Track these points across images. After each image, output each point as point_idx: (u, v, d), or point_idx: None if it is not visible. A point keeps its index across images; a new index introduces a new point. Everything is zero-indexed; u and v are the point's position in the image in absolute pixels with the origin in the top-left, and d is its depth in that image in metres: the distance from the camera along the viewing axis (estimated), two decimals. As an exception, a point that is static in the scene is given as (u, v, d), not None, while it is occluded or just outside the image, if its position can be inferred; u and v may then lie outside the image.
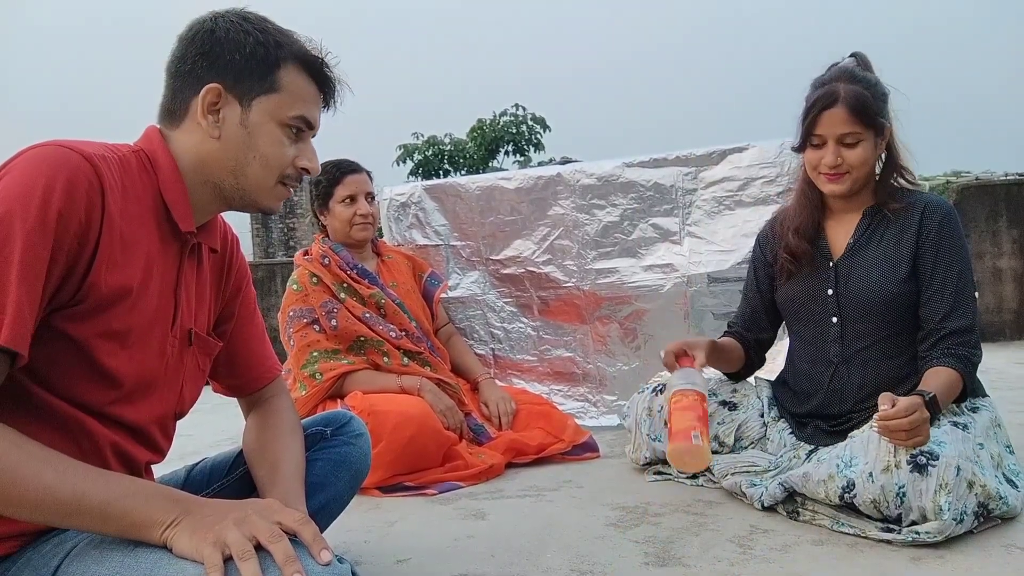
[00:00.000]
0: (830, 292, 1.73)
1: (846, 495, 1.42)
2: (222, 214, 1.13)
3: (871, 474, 1.39)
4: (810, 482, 1.49)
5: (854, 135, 1.63)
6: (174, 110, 1.02)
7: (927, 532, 1.34)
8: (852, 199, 1.74)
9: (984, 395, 1.67)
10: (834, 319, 1.73)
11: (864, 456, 1.42)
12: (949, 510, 1.33)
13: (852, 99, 1.62)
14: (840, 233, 1.77)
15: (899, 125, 1.70)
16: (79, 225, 0.85)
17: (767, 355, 2.02)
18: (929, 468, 1.35)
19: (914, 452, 1.37)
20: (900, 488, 1.36)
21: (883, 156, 1.72)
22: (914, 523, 1.37)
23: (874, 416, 1.42)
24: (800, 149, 1.73)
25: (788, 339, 1.93)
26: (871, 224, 1.72)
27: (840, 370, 1.72)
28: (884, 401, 1.40)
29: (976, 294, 1.69)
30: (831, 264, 1.74)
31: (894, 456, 1.39)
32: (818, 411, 1.75)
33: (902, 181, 1.73)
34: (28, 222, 0.80)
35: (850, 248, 1.73)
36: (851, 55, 1.75)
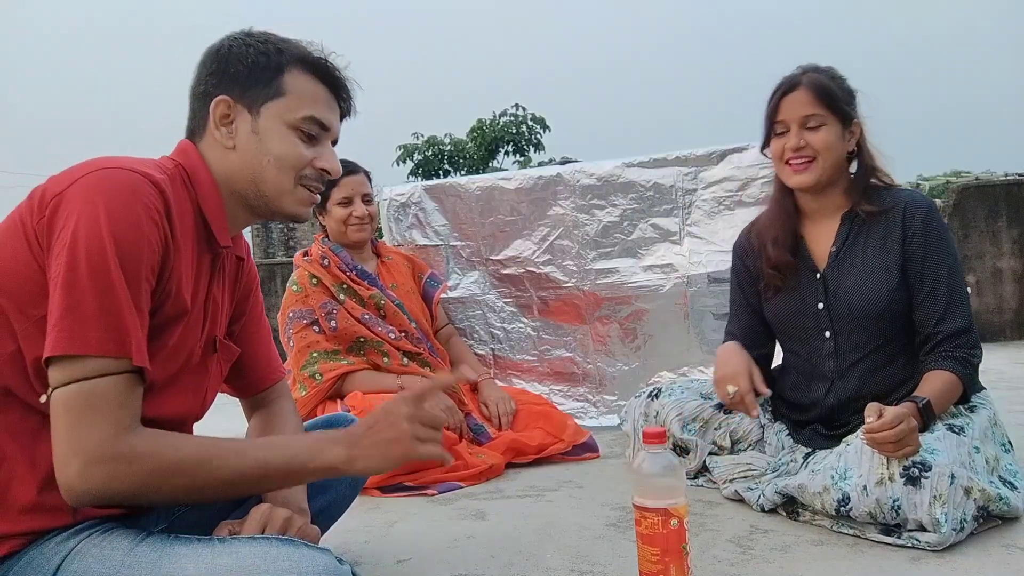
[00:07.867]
0: (820, 306, 1.68)
1: (842, 508, 1.40)
2: None
3: (865, 487, 1.36)
4: (806, 493, 1.48)
5: (817, 117, 1.62)
6: (195, 129, 1.06)
7: (927, 542, 1.32)
8: (825, 200, 1.69)
9: (981, 388, 1.63)
10: (827, 334, 1.68)
11: (858, 468, 1.39)
12: (947, 522, 1.30)
13: (814, 82, 1.63)
14: (820, 241, 1.71)
15: (869, 130, 1.68)
16: (157, 251, 0.89)
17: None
18: (922, 480, 1.32)
19: (906, 464, 1.34)
20: (895, 501, 1.33)
21: (853, 152, 1.68)
22: (913, 530, 1.36)
23: (860, 428, 1.39)
24: (766, 144, 1.71)
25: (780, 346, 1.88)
26: (852, 229, 1.67)
27: (836, 384, 1.68)
28: (870, 412, 1.35)
29: (968, 289, 1.66)
30: (818, 276, 1.69)
31: (887, 468, 1.35)
32: (816, 419, 1.73)
33: (878, 182, 1.69)
34: (123, 250, 0.85)
35: (834, 257, 1.68)
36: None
